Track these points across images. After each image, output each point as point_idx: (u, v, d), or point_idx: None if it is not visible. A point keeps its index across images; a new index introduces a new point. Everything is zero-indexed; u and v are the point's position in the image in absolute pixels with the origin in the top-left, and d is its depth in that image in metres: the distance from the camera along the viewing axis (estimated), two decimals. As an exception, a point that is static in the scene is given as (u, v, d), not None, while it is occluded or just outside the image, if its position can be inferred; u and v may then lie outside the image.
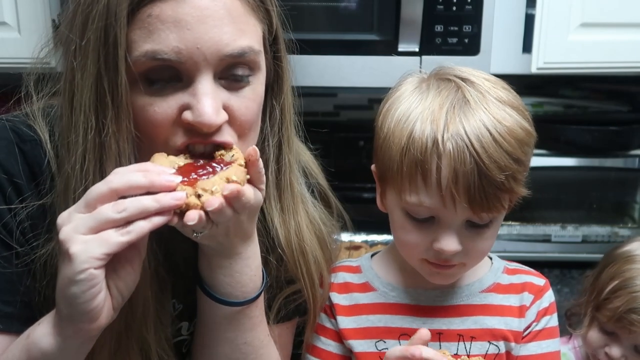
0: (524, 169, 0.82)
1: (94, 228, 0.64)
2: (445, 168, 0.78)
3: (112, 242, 0.64)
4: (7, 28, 1.29)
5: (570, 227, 1.51)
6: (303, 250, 0.89)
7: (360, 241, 1.49)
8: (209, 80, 0.72)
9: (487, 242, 0.86)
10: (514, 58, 1.31)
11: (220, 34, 0.71)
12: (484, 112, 0.80)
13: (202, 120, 0.71)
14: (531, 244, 1.50)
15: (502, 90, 0.84)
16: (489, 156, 0.78)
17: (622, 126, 1.50)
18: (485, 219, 0.82)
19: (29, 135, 0.80)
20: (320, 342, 0.96)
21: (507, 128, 0.80)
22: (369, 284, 0.95)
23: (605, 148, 1.50)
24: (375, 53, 1.25)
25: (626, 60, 1.30)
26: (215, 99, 0.72)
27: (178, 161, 0.70)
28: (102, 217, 0.64)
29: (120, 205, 0.64)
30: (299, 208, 0.90)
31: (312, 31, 1.25)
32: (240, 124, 0.76)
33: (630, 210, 1.58)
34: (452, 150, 0.78)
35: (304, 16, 1.24)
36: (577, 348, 1.22)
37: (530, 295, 0.91)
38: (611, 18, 1.28)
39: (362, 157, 1.70)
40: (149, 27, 0.70)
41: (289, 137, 0.87)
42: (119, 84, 0.71)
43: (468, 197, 0.79)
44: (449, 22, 1.23)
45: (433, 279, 0.88)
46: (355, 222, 1.07)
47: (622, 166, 1.56)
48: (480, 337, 0.90)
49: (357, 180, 1.69)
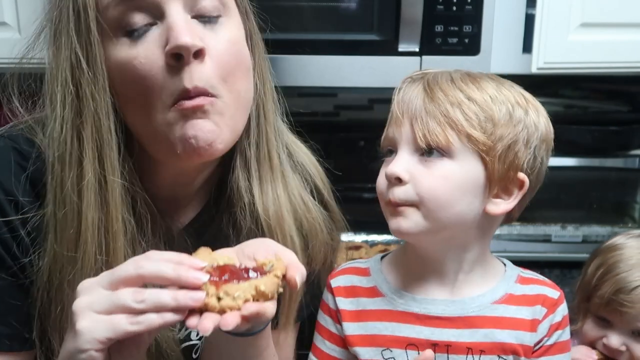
0: (480, 110, 0.83)
1: (108, 310, 0.63)
2: (402, 98, 0.87)
3: (119, 329, 0.62)
4: (8, 28, 1.29)
5: (570, 227, 1.50)
6: (279, 220, 0.88)
7: (361, 241, 1.49)
8: (178, 10, 0.73)
9: (439, 183, 0.82)
10: (514, 58, 1.31)
11: None
12: (469, 75, 0.88)
13: (179, 42, 0.71)
14: (531, 244, 1.50)
15: (522, 90, 0.89)
16: (438, 86, 0.85)
17: (622, 126, 1.50)
18: (429, 142, 0.82)
19: (29, 152, 0.79)
20: (325, 345, 0.94)
21: (478, 83, 0.85)
22: (376, 289, 0.92)
23: (606, 148, 1.50)
24: (376, 53, 1.25)
25: (626, 60, 1.30)
26: (189, 25, 0.73)
27: (219, 259, 0.68)
28: (120, 302, 0.62)
29: (139, 295, 0.62)
30: (277, 181, 0.89)
31: (312, 31, 1.25)
32: (222, 65, 0.76)
33: (630, 210, 1.58)
34: (414, 87, 0.87)
35: (304, 16, 1.24)
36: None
37: (543, 309, 0.88)
38: (611, 18, 1.28)
39: (362, 157, 1.70)
40: None
41: (265, 107, 0.87)
42: (93, 44, 0.72)
43: (410, 116, 0.84)
44: (449, 22, 1.23)
45: (393, 225, 0.86)
46: (356, 222, 1.06)
47: (622, 166, 1.56)
48: (490, 351, 0.87)
49: (357, 180, 1.69)
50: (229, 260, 0.69)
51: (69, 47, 0.73)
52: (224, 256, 0.69)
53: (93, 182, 0.75)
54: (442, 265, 0.89)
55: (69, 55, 0.73)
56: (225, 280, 0.65)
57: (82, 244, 0.76)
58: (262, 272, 0.67)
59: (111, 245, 0.77)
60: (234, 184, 0.87)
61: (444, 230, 0.86)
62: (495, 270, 0.92)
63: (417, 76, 0.89)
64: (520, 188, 0.86)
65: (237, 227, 0.88)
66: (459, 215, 0.85)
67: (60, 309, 0.77)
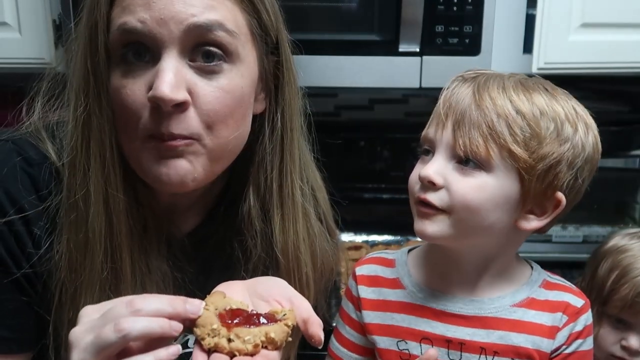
0: (526, 125, 0.80)
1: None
2: (449, 100, 0.84)
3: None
4: (8, 28, 1.30)
5: (571, 227, 1.50)
6: (298, 259, 0.89)
7: (361, 241, 1.49)
8: (173, 57, 0.73)
9: (471, 193, 0.81)
10: (514, 58, 1.31)
11: (187, 7, 0.72)
12: (540, 93, 0.84)
13: (156, 93, 0.71)
14: (532, 244, 1.49)
15: (576, 103, 0.87)
16: (488, 92, 0.81)
17: (623, 126, 1.50)
18: (467, 153, 0.80)
19: (34, 159, 0.80)
20: (345, 330, 0.97)
21: (529, 93, 0.82)
22: (399, 281, 0.93)
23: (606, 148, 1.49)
24: (376, 53, 1.25)
25: (627, 61, 1.30)
26: (177, 76, 0.72)
27: (232, 303, 0.69)
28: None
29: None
30: (299, 219, 0.89)
31: (312, 31, 1.25)
32: (207, 113, 0.75)
33: (630, 211, 1.58)
34: (463, 88, 0.84)
35: (304, 16, 1.24)
36: None
37: (564, 317, 0.87)
38: (612, 18, 1.28)
39: (362, 158, 1.70)
40: (123, 4, 0.73)
41: (291, 146, 0.86)
42: (99, 64, 0.74)
43: (454, 120, 0.82)
44: (450, 22, 1.23)
45: (419, 227, 0.85)
46: (356, 222, 1.06)
47: (622, 166, 1.56)
48: (504, 354, 0.86)
49: (358, 180, 1.70)
50: (241, 305, 0.69)
51: (82, 60, 0.75)
52: (236, 301, 0.69)
53: (97, 194, 0.76)
54: (465, 266, 0.89)
55: (81, 68, 0.76)
56: (237, 323, 0.66)
57: (90, 249, 0.77)
58: (274, 319, 0.67)
59: (117, 253, 0.78)
60: (245, 214, 0.87)
61: (469, 239, 0.85)
62: (520, 273, 0.91)
63: (470, 76, 0.86)
64: (555, 207, 0.85)
65: (246, 253, 0.89)
66: (488, 227, 0.84)
67: (74, 314, 0.77)
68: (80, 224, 0.77)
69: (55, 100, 0.83)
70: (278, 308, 0.69)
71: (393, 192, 1.68)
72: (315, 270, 0.92)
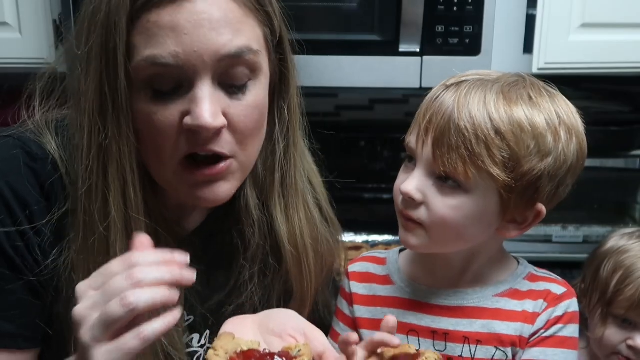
0: (504, 146, 0.79)
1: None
2: (430, 111, 0.83)
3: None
4: (8, 28, 1.30)
5: (571, 227, 1.50)
6: (306, 246, 0.91)
7: (361, 241, 1.49)
8: (207, 85, 0.73)
9: (450, 212, 0.82)
10: (515, 58, 1.31)
11: (217, 37, 0.72)
12: (522, 104, 0.81)
13: (200, 122, 0.72)
14: (532, 245, 1.49)
15: (559, 105, 0.85)
16: (468, 109, 0.80)
17: (623, 126, 1.50)
18: (447, 171, 0.80)
19: (38, 154, 0.80)
20: (339, 327, 0.98)
21: (509, 106, 0.80)
22: (389, 277, 0.96)
23: (607, 148, 1.50)
24: (376, 53, 1.26)
25: (627, 61, 1.30)
26: (214, 103, 0.73)
27: (242, 345, 0.68)
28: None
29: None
30: (300, 207, 0.91)
31: (313, 31, 1.24)
32: (240, 131, 0.77)
33: (631, 211, 1.58)
34: (444, 99, 0.83)
35: (304, 16, 1.24)
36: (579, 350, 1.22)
37: (544, 303, 0.88)
38: (612, 18, 1.28)
39: (363, 158, 1.70)
40: (148, 32, 0.71)
41: (295, 136, 0.89)
42: (119, 89, 0.72)
43: (433, 138, 0.81)
44: (450, 22, 1.23)
45: (403, 238, 0.88)
46: (356, 222, 1.07)
47: (623, 167, 1.56)
48: (487, 342, 0.88)
49: (358, 180, 1.69)
50: (252, 345, 0.67)
51: (97, 83, 0.74)
52: (247, 341, 0.68)
53: (119, 219, 0.77)
54: (451, 262, 0.91)
55: (96, 91, 0.74)
56: None
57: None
58: (289, 357, 0.66)
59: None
60: (242, 202, 0.89)
61: (450, 248, 0.88)
62: (505, 267, 0.93)
63: (453, 82, 0.85)
64: (536, 217, 0.86)
65: (245, 242, 0.90)
66: (467, 240, 0.86)
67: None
68: (100, 248, 0.77)
69: (54, 99, 0.83)
70: (292, 344, 0.67)
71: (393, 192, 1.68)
72: (317, 258, 0.94)
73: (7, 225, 0.77)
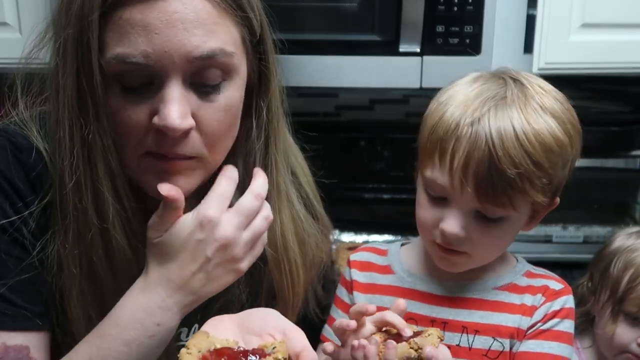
0: (544, 175, 0.82)
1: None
2: (460, 151, 0.81)
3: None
4: (8, 28, 1.29)
5: (571, 227, 1.50)
6: (287, 248, 0.90)
7: (362, 241, 1.49)
8: (177, 85, 0.73)
9: (495, 240, 0.87)
10: (515, 58, 1.31)
11: (189, 37, 0.71)
12: (517, 111, 0.82)
13: (166, 124, 0.72)
14: (532, 245, 1.49)
15: (551, 99, 0.85)
16: (504, 148, 0.80)
17: (624, 127, 1.50)
18: (491, 212, 0.83)
19: (23, 144, 0.80)
20: (337, 314, 0.99)
21: (535, 130, 0.81)
22: (390, 267, 0.98)
23: (607, 148, 1.49)
24: (377, 53, 1.25)
25: (628, 61, 1.30)
26: (182, 104, 0.73)
27: (216, 343, 0.67)
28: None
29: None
30: (283, 207, 0.90)
31: (313, 31, 1.24)
32: (209, 133, 0.77)
33: (631, 211, 1.58)
34: (469, 135, 0.81)
35: (304, 16, 1.24)
36: (581, 349, 1.23)
37: (542, 297, 0.91)
38: (612, 18, 1.28)
39: (363, 158, 1.70)
40: (119, 30, 0.71)
41: (276, 137, 0.88)
42: (95, 83, 0.72)
43: (475, 184, 0.81)
44: (450, 22, 1.23)
45: (440, 263, 0.90)
46: (356, 222, 1.07)
47: (623, 167, 1.56)
48: (485, 332, 0.90)
49: (358, 180, 1.69)
50: (227, 343, 0.67)
51: (74, 78, 0.74)
52: (222, 339, 0.67)
53: (114, 211, 0.77)
54: None
55: (74, 87, 0.74)
56: None
57: (110, 259, 0.79)
58: (263, 354, 0.65)
59: (141, 260, 0.80)
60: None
61: (487, 262, 0.92)
62: (505, 263, 0.95)
63: (474, 121, 0.82)
64: (549, 208, 0.90)
65: None
66: (503, 250, 0.93)
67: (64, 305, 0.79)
68: (98, 241, 0.78)
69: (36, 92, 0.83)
70: (269, 342, 0.67)
71: (393, 192, 1.68)
72: (304, 257, 0.94)
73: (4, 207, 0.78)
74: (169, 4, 0.70)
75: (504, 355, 0.90)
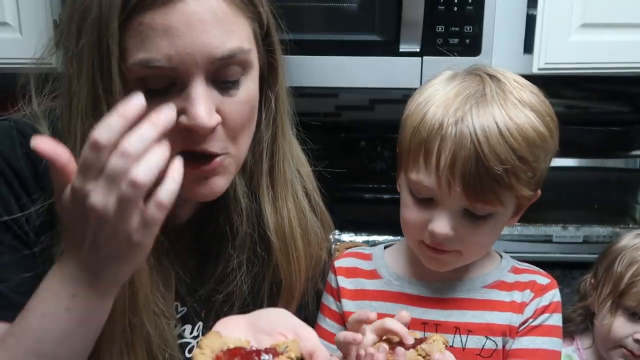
0: (528, 169, 0.82)
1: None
2: (446, 151, 0.81)
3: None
4: (9, 28, 1.29)
5: (571, 227, 1.50)
6: (294, 237, 0.91)
7: (362, 241, 1.49)
8: (201, 84, 0.73)
9: (484, 237, 0.87)
10: (515, 58, 1.31)
11: (210, 38, 0.72)
12: (498, 107, 0.82)
13: (197, 123, 0.72)
14: (532, 245, 1.50)
15: (528, 93, 0.85)
16: (489, 146, 0.80)
17: (623, 127, 1.50)
18: (480, 210, 0.83)
19: (31, 135, 0.80)
20: (325, 322, 0.98)
21: (517, 125, 0.81)
22: (376, 272, 0.97)
23: (607, 148, 1.50)
24: (377, 54, 1.26)
25: (627, 61, 1.30)
26: (208, 102, 0.74)
27: (229, 342, 0.67)
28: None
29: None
30: (289, 198, 0.91)
31: (313, 32, 1.25)
32: (233, 127, 0.78)
33: (631, 211, 1.58)
34: (454, 135, 0.81)
35: (305, 17, 1.24)
36: (582, 350, 1.24)
37: (531, 293, 0.92)
38: (612, 19, 1.28)
39: (363, 158, 1.70)
40: (140, 35, 0.71)
41: (283, 127, 0.89)
42: (114, 91, 0.72)
43: (463, 183, 0.81)
44: (450, 22, 1.23)
45: (428, 264, 0.90)
46: (357, 222, 1.07)
47: (623, 167, 1.56)
48: (477, 332, 0.90)
49: (358, 180, 1.70)
50: (239, 342, 0.67)
51: (90, 83, 0.73)
52: (234, 339, 0.68)
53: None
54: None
55: (90, 92, 0.73)
56: None
57: None
58: (275, 353, 0.65)
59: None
60: (230, 190, 0.88)
61: (474, 259, 0.92)
62: (491, 260, 0.96)
63: (457, 120, 0.82)
64: (531, 200, 0.89)
65: (232, 230, 0.90)
66: (491, 246, 0.93)
67: None
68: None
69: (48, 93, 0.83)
70: (280, 341, 0.67)
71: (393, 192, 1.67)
72: (306, 248, 0.94)
73: (2, 192, 0.78)
74: (188, 5, 0.71)
75: (497, 353, 0.90)
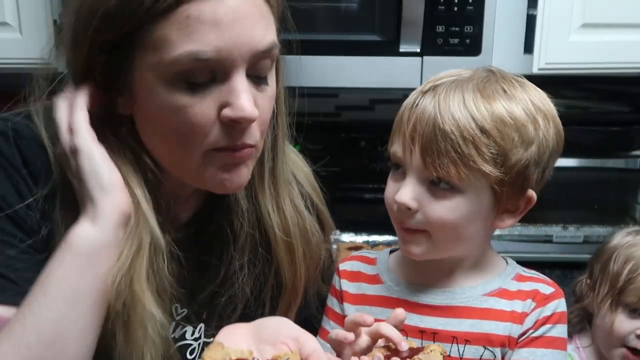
0: (491, 143, 0.81)
1: None
2: (412, 117, 0.84)
3: None
4: (9, 28, 1.30)
5: (571, 227, 1.50)
6: (295, 236, 0.92)
7: (362, 241, 1.49)
8: (243, 77, 0.75)
9: (446, 214, 0.84)
10: (515, 58, 1.31)
11: (253, 31, 0.74)
12: (474, 86, 0.83)
13: (244, 114, 0.74)
14: (532, 245, 1.50)
15: (524, 93, 0.85)
16: (449, 111, 0.81)
17: (623, 127, 1.50)
18: (436, 175, 0.82)
19: (27, 134, 0.81)
20: (329, 325, 0.98)
21: (485, 100, 0.82)
22: (378, 276, 0.96)
23: (607, 149, 1.50)
24: (377, 54, 1.26)
25: (627, 61, 1.30)
26: (250, 94, 0.75)
27: (231, 354, 0.68)
28: None
29: None
30: (287, 198, 0.92)
31: (313, 31, 1.25)
32: (263, 121, 0.80)
33: (631, 211, 1.59)
34: (421, 103, 0.84)
35: (305, 16, 1.24)
36: (581, 348, 1.23)
37: (532, 303, 0.89)
38: (612, 19, 1.28)
39: (363, 158, 1.70)
40: (186, 28, 0.71)
41: (283, 126, 0.90)
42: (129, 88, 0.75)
43: (420, 146, 0.82)
44: (451, 22, 1.23)
45: (404, 249, 0.90)
46: (357, 222, 1.07)
47: (623, 167, 1.56)
48: (475, 342, 0.88)
49: (359, 180, 1.69)
50: (242, 354, 0.68)
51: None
52: (237, 350, 0.68)
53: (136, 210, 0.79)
54: (441, 262, 0.91)
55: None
56: None
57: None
58: None
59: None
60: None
61: (454, 250, 0.89)
62: (494, 266, 0.93)
63: (429, 87, 0.86)
64: (527, 203, 0.87)
65: (234, 231, 0.90)
66: (468, 238, 0.88)
67: None
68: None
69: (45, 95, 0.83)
70: (282, 352, 0.68)
71: (393, 192, 1.68)
72: (307, 247, 0.94)
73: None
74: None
75: None
